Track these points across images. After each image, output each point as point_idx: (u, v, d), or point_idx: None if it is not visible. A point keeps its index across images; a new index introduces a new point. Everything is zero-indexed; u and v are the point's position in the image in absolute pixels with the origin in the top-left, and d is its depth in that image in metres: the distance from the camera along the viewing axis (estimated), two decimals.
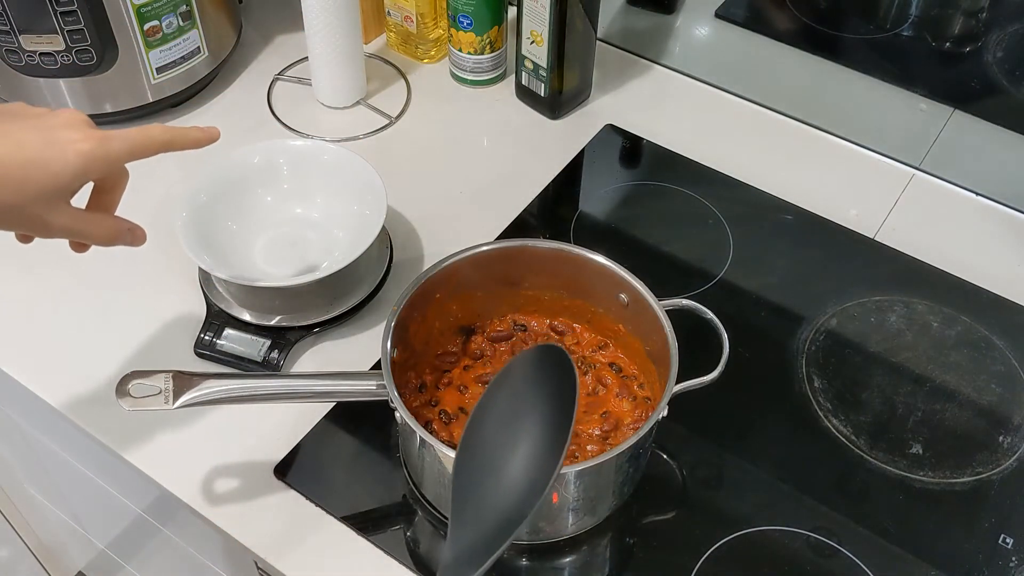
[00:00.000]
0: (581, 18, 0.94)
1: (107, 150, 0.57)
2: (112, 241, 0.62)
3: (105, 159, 0.57)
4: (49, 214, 0.56)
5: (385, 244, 0.85)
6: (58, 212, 0.57)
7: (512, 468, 0.56)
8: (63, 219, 0.57)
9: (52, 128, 0.56)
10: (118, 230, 0.62)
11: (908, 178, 0.97)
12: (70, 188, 0.57)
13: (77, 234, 0.60)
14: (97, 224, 0.60)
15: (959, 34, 0.90)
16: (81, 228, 0.59)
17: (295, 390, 0.67)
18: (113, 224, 0.62)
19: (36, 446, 1.06)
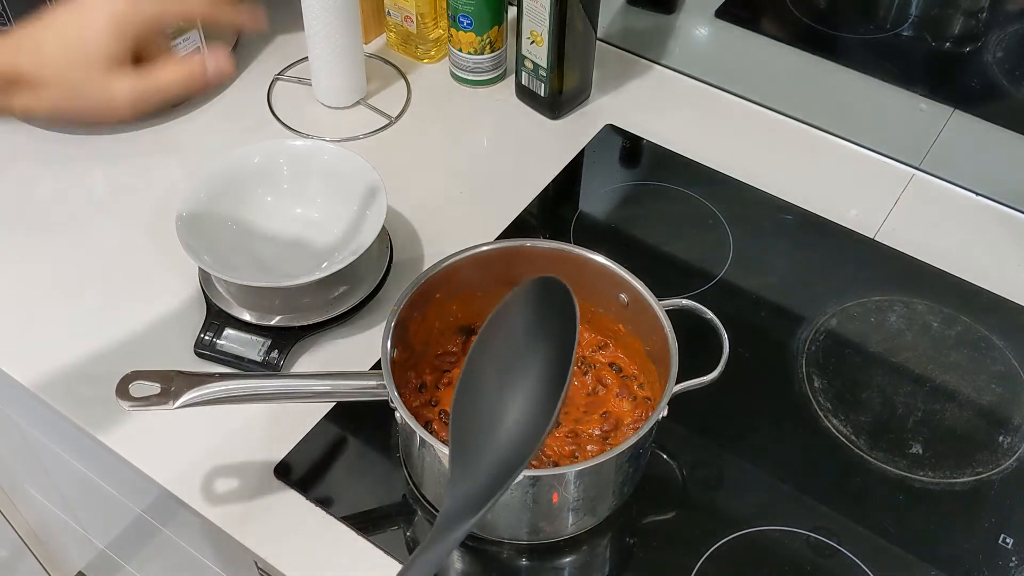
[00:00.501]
0: (581, 18, 0.94)
1: (137, 7, 0.57)
2: (193, 78, 0.59)
3: (137, 14, 0.57)
4: (110, 79, 0.56)
5: (385, 244, 0.85)
6: (118, 76, 0.57)
7: (511, 410, 0.55)
8: (127, 79, 0.57)
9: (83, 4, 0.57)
10: (191, 69, 0.59)
11: (908, 178, 0.97)
12: (116, 51, 0.56)
13: (148, 88, 0.58)
14: (164, 71, 0.58)
15: (959, 34, 0.90)
16: (149, 80, 0.58)
17: (295, 390, 0.67)
18: (179, 65, 0.59)
19: (36, 446, 1.06)
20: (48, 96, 0.56)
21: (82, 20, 0.56)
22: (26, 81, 0.55)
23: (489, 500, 0.51)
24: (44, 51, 0.55)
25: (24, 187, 0.93)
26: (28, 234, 0.88)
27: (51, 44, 0.56)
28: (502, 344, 0.58)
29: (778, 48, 0.99)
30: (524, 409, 0.55)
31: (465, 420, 0.55)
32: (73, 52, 0.56)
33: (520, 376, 0.56)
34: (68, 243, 0.87)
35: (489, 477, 0.52)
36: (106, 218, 0.90)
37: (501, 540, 0.68)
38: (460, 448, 0.54)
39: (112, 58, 0.56)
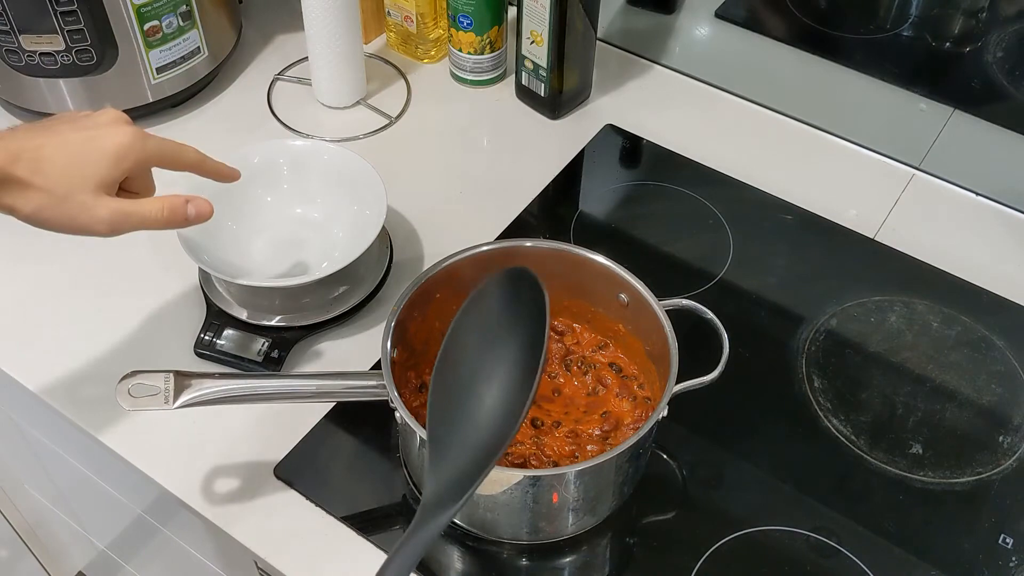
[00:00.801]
0: (581, 18, 0.94)
1: (143, 144, 0.62)
2: (171, 215, 0.63)
3: (141, 151, 0.61)
4: (95, 202, 0.59)
5: (385, 244, 0.85)
6: (103, 199, 0.60)
7: (487, 397, 0.56)
8: (111, 203, 0.60)
9: (95, 126, 0.61)
10: (172, 204, 0.63)
11: (908, 178, 0.97)
12: (110, 177, 0.60)
13: (128, 216, 0.61)
14: (146, 203, 0.62)
15: (959, 34, 0.90)
16: (130, 208, 0.61)
17: (295, 390, 0.67)
18: (162, 200, 0.63)
19: (36, 446, 1.06)
20: (33, 201, 0.58)
21: (91, 144, 0.60)
22: (17, 183, 0.57)
23: (469, 488, 0.51)
24: (43, 161, 0.58)
25: None
26: (28, 234, 0.87)
27: (52, 157, 0.58)
28: (475, 333, 0.59)
29: (778, 48, 0.99)
30: (499, 396, 0.56)
31: (442, 408, 0.56)
32: (71, 170, 0.59)
33: (494, 364, 0.57)
34: (68, 243, 0.87)
35: (468, 464, 0.53)
36: None
37: (501, 540, 0.68)
38: (437, 436, 0.55)
39: (105, 183, 0.60)
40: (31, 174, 0.57)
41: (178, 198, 0.63)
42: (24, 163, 0.57)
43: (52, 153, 0.59)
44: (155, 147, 0.63)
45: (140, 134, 0.62)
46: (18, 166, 0.57)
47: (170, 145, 0.64)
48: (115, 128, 0.61)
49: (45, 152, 0.58)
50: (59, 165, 0.58)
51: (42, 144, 0.59)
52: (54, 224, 0.60)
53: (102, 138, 0.60)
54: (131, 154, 0.61)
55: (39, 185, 0.58)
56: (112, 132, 0.61)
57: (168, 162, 0.64)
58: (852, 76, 0.96)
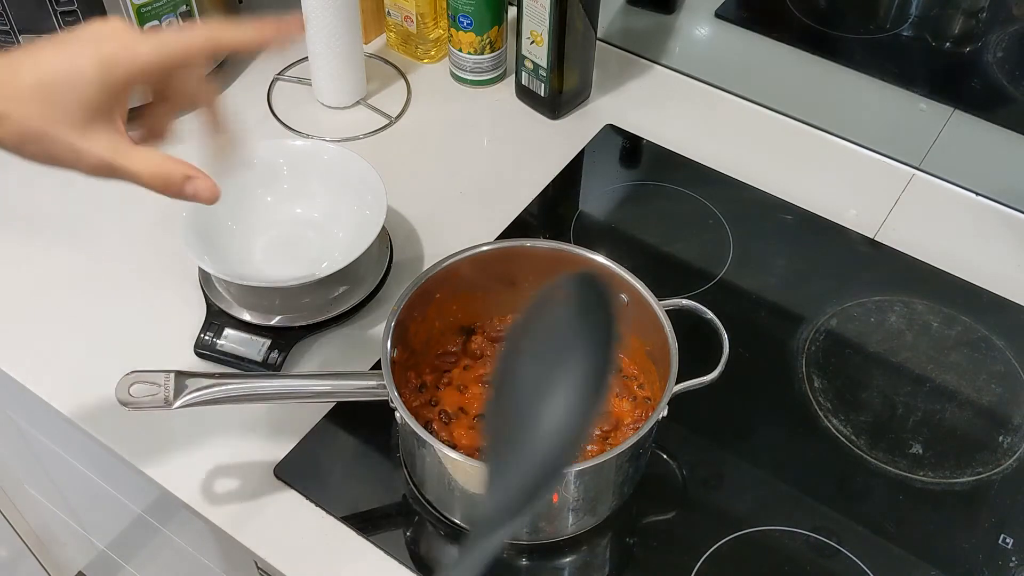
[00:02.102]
0: (581, 18, 0.94)
1: (133, 53, 0.50)
2: (164, 186, 0.52)
3: (130, 63, 0.50)
4: (80, 140, 0.50)
5: (385, 244, 0.85)
6: (90, 138, 0.50)
7: (547, 413, 0.50)
8: (97, 147, 0.50)
9: (75, 40, 0.50)
10: (168, 173, 0.52)
11: (908, 178, 0.97)
12: (93, 103, 0.50)
13: (116, 170, 0.51)
14: (140, 159, 0.51)
15: (959, 34, 0.90)
16: (120, 162, 0.51)
17: (295, 390, 0.67)
18: (160, 163, 0.52)
19: (36, 446, 1.06)
20: (11, 136, 0.49)
21: (67, 64, 0.49)
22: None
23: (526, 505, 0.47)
24: (17, 88, 0.49)
25: (24, 187, 0.93)
26: (28, 234, 0.88)
27: (25, 83, 0.49)
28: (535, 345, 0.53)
29: (778, 48, 0.99)
30: (561, 411, 0.50)
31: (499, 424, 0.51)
32: (45, 99, 0.49)
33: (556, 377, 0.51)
34: (68, 243, 0.87)
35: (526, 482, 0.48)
36: (106, 218, 0.90)
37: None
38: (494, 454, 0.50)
39: (89, 110, 0.50)
40: (4, 102, 0.49)
41: (177, 170, 0.52)
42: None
43: (25, 78, 0.49)
44: (147, 53, 0.50)
45: (128, 40, 0.50)
46: None
47: (171, 41, 0.51)
48: (97, 38, 0.50)
49: (20, 77, 0.49)
50: (32, 93, 0.49)
51: (17, 68, 0.49)
52: (41, 163, 0.51)
53: (80, 54, 0.49)
54: (116, 70, 0.50)
55: (14, 116, 0.49)
56: (93, 44, 0.50)
57: (173, 60, 0.52)
58: (852, 76, 0.96)
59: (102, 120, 0.50)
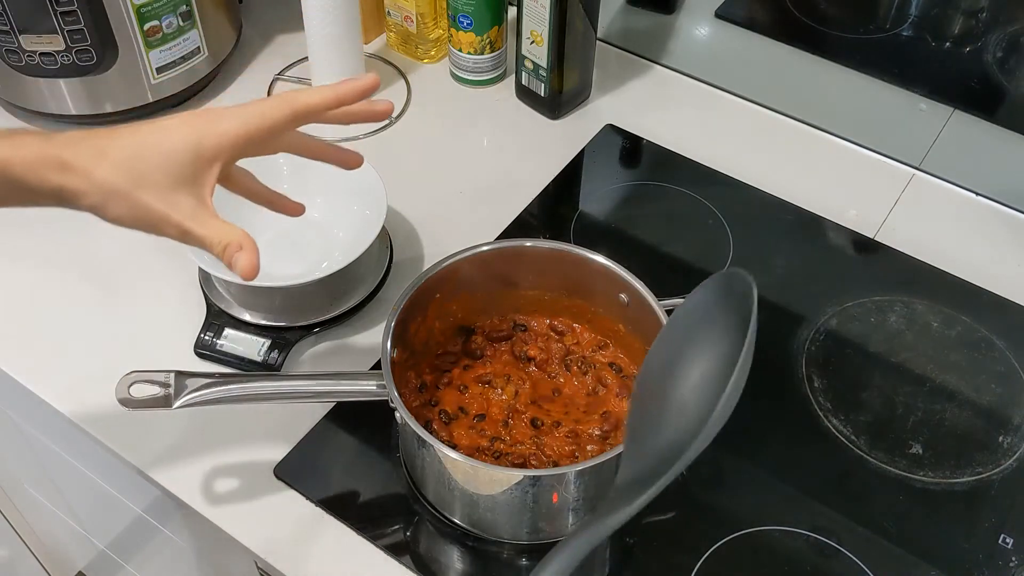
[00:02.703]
0: (581, 18, 0.94)
1: (219, 128, 0.55)
2: (221, 253, 0.56)
3: (218, 137, 0.55)
4: (162, 204, 0.54)
5: (385, 244, 0.85)
6: (172, 204, 0.54)
7: (683, 395, 0.54)
8: (178, 213, 0.54)
9: (171, 118, 0.56)
10: (229, 245, 0.55)
11: (908, 178, 0.97)
12: (182, 173, 0.54)
13: (191, 236, 0.55)
14: (214, 229, 0.55)
15: (959, 34, 0.90)
16: (195, 229, 0.55)
17: (295, 390, 0.67)
18: (227, 233, 0.56)
19: (36, 446, 1.06)
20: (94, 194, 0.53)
21: (162, 132, 0.54)
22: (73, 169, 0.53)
23: (655, 483, 0.50)
24: (108, 150, 0.53)
25: None
26: (28, 234, 0.88)
27: (119, 146, 0.53)
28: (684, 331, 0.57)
29: (778, 48, 0.99)
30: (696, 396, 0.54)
31: (643, 400, 0.55)
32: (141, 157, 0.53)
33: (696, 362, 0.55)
34: (68, 243, 0.87)
35: (657, 460, 0.52)
36: None
37: (501, 540, 0.68)
38: (635, 429, 0.54)
39: (179, 178, 0.54)
40: (94, 158, 0.53)
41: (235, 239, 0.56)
42: (89, 147, 0.53)
43: (122, 144, 0.53)
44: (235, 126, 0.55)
45: (215, 115, 0.55)
46: (81, 148, 0.53)
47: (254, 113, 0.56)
48: (190, 117, 0.55)
49: (116, 144, 0.53)
50: (125, 158, 0.53)
51: (117, 136, 0.54)
52: (123, 225, 0.55)
53: (175, 128, 0.54)
54: (204, 141, 0.54)
55: (104, 177, 0.53)
56: (186, 120, 0.55)
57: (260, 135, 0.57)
58: (852, 76, 0.96)
59: (187, 189, 0.54)
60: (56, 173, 0.53)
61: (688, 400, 0.54)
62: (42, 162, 0.53)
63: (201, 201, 0.55)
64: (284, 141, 0.61)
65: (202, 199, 0.55)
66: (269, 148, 0.60)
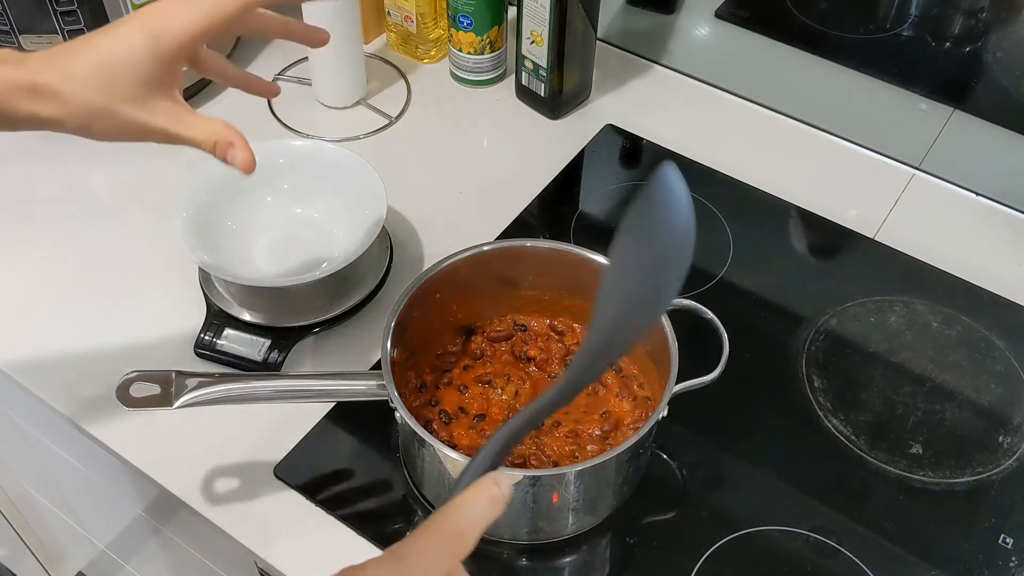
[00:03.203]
0: (581, 18, 0.94)
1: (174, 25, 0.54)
2: (212, 148, 0.56)
3: (175, 33, 0.53)
4: (142, 113, 0.54)
5: (385, 244, 0.85)
6: (152, 110, 0.54)
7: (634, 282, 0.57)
8: (159, 118, 0.54)
9: (122, 22, 0.54)
10: (219, 137, 0.56)
11: (908, 178, 0.97)
12: (151, 76, 0.53)
13: (177, 138, 0.55)
14: (199, 126, 0.56)
15: (959, 34, 0.90)
16: (180, 130, 0.55)
17: (295, 390, 0.67)
18: (215, 128, 0.56)
19: (36, 446, 1.06)
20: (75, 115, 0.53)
21: (119, 43, 0.53)
22: (49, 92, 0.52)
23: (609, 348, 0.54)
24: (74, 67, 0.53)
25: (24, 187, 0.93)
26: (28, 233, 0.88)
27: (81, 63, 0.53)
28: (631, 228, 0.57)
29: (778, 48, 0.99)
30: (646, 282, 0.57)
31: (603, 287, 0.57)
32: (103, 76, 0.53)
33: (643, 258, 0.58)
34: (68, 243, 0.88)
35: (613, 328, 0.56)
36: (106, 218, 0.90)
37: (501, 540, 0.68)
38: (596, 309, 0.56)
39: (146, 84, 0.53)
40: (62, 81, 0.52)
41: (225, 135, 0.56)
42: (54, 69, 0.52)
43: (82, 59, 0.52)
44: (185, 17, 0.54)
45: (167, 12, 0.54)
46: (47, 72, 0.52)
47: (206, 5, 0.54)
48: (141, 16, 0.54)
49: (75, 59, 0.52)
50: (91, 74, 0.52)
51: (72, 50, 0.53)
52: (107, 139, 0.54)
53: (130, 33, 0.53)
54: (163, 41, 0.53)
55: (78, 98, 0.52)
56: (138, 22, 0.53)
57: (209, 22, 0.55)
58: (852, 76, 0.96)
59: (160, 92, 0.54)
60: (28, 100, 0.52)
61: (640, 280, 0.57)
62: (13, 90, 0.52)
63: (175, 100, 0.55)
64: (245, 24, 0.60)
65: (175, 98, 0.55)
66: (229, 33, 0.61)
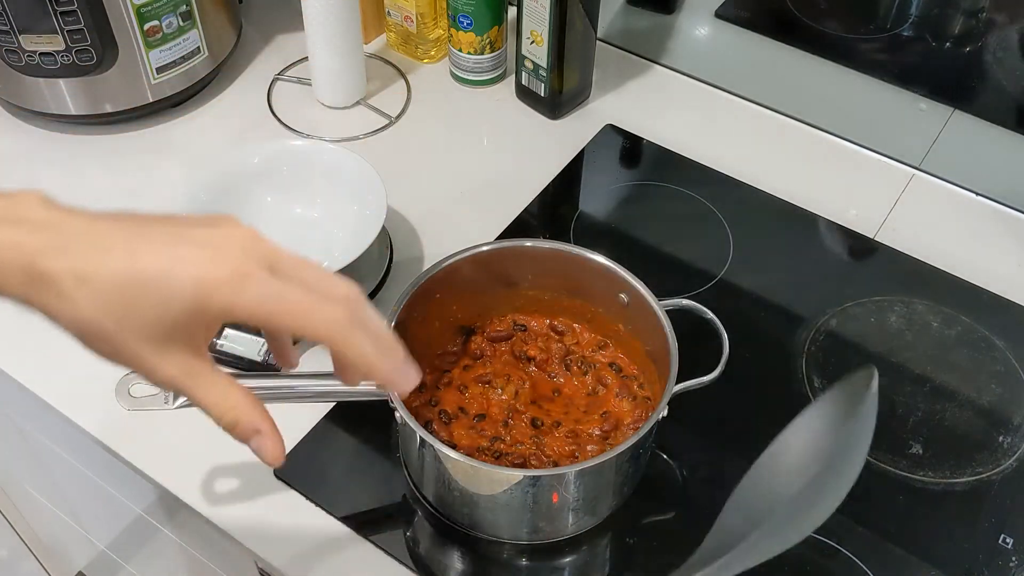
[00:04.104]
0: (581, 18, 0.94)
1: (238, 290, 0.41)
2: (230, 427, 0.46)
3: (230, 299, 0.41)
4: (153, 356, 0.43)
5: (385, 244, 0.85)
6: (164, 356, 0.43)
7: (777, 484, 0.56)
8: (170, 367, 0.43)
9: (185, 242, 0.42)
10: (238, 418, 0.46)
11: (908, 178, 0.97)
12: (180, 325, 0.42)
13: (186, 393, 0.45)
14: (216, 391, 0.45)
15: (959, 34, 0.90)
16: (192, 388, 0.44)
17: (295, 390, 0.67)
18: (235, 403, 0.45)
19: (36, 446, 1.06)
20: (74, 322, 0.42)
21: (163, 276, 0.41)
22: (53, 286, 0.42)
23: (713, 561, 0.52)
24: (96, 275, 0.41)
25: (25, 187, 0.92)
26: None
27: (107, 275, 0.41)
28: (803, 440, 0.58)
29: (778, 48, 0.99)
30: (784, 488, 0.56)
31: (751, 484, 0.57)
32: (124, 304, 0.41)
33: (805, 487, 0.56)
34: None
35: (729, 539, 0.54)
36: None
37: (501, 540, 0.68)
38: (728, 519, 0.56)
39: (175, 328, 0.42)
40: (72, 282, 0.41)
41: (249, 418, 0.46)
42: (70, 260, 0.41)
43: (111, 267, 0.41)
44: (252, 300, 0.42)
45: (241, 274, 0.41)
46: (60, 260, 0.41)
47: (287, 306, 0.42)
48: (209, 250, 0.42)
49: (105, 261, 0.41)
50: (110, 286, 0.41)
51: (110, 247, 0.41)
52: (103, 359, 0.44)
53: (183, 265, 0.41)
54: (215, 299, 0.41)
55: (77, 305, 0.41)
56: (201, 257, 0.41)
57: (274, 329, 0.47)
58: (852, 76, 0.96)
59: (182, 340, 0.43)
60: (25, 284, 0.43)
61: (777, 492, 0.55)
62: (12, 264, 0.42)
63: (197, 354, 0.44)
64: None
65: (198, 351, 0.44)
66: None
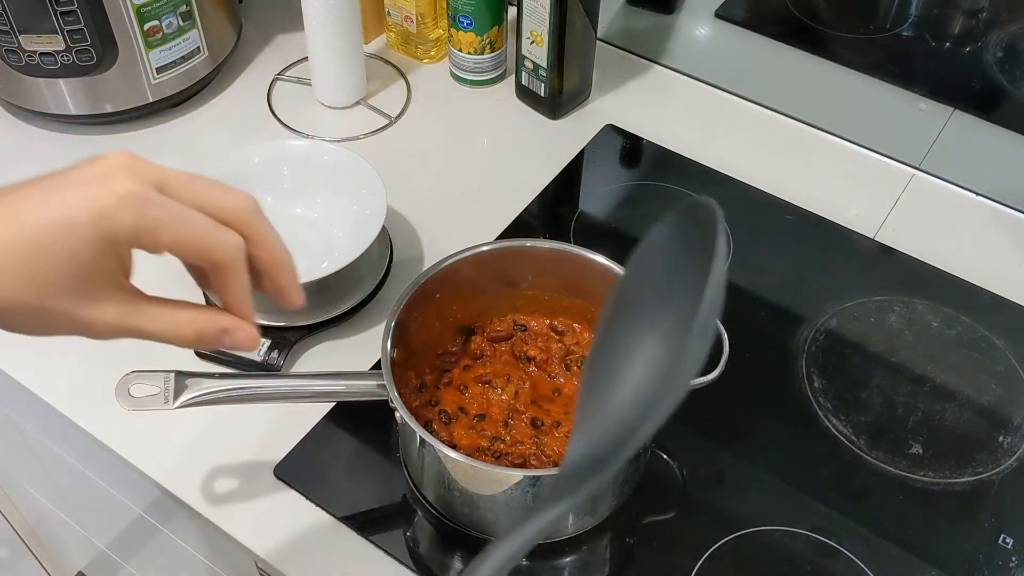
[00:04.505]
0: (581, 18, 0.94)
1: (139, 210, 0.39)
2: (196, 340, 0.44)
3: (134, 221, 0.39)
4: (84, 310, 0.40)
5: (385, 244, 0.85)
6: (95, 306, 0.40)
7: (634, 370, 0.45)
8: (106, 314, 0.41)
9: (68, 185, 0.39)
10: (199, 329, 0.44)
11: (908, 178, 0.97)
12: (95, 265, 0.39)
13: (133, 332, 0.42)
14: (160, 318, 0.43)
15: (959, 34, 0.90)
16: (136, 324, 0.42)
17: (295, 390, 0.67)
18: (186, 320, 0.44)
19: (36, 446, 1.06)
20: None
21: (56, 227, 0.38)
22: None
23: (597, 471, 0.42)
24: None
25: None
26: None
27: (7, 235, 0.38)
28: (636, 289, 0.47)
29: (778, 48, 0.99)
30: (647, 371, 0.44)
31: (591, 376, 0.46)
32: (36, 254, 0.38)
33: (649, 329, 0.45)
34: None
35: (607, 444, 0.43)
36: None
37: None
38: (583, 407, 0.46)
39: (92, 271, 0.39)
40: None
41: (209, 324, 0.44)
42: None
43: (6, 238, 0.38)
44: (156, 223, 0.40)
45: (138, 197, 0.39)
46: None
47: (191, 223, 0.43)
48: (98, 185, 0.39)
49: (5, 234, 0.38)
50: (15, 259, 0.38)
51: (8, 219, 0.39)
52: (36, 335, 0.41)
53: (74, 208, 0.38)
54: (117, 231, 0.39)
55: None
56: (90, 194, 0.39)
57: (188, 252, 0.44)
58: (852, 76, 0.96)
59: (105, 281, 0.40)
60: None
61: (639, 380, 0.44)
62: None
63: (126, 290, 0.42)
64: None
65: (125, 288, 0.42)
66: None
